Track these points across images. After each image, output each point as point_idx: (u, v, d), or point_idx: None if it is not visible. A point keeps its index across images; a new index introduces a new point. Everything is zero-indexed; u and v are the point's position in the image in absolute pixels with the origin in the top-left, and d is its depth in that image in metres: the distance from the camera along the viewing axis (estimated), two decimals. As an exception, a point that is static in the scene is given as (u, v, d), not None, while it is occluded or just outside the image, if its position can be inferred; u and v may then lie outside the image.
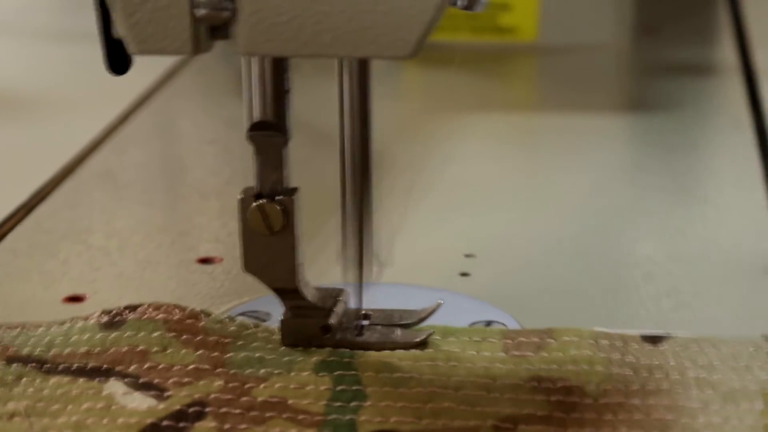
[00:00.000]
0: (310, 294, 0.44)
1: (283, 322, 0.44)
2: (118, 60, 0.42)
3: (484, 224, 0.58)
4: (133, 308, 0.45)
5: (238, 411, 0.40)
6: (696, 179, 0.56)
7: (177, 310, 0.45)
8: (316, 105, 0.49)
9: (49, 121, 0.74)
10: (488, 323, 0.47)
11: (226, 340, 0.44)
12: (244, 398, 0.41)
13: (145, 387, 0.41)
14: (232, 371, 0.42)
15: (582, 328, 0.44)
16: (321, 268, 0.49)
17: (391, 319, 0.45)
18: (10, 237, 0.56)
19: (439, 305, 0.45)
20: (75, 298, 0.50)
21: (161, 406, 0.40)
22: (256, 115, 0.42)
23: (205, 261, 0.53)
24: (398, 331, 0.44)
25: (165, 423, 0.40)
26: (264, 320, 0.47)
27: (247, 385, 0.42)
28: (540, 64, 0.86)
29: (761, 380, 0.41)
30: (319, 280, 0.46)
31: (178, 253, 0.55)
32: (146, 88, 0.77)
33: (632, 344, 0.44)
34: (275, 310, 0.45)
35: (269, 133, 0.42)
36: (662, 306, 0.49)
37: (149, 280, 0.52)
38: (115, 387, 0.41)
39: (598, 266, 0.53)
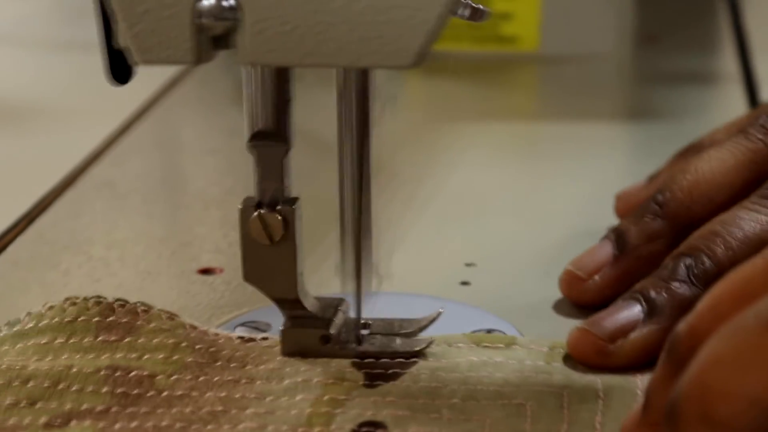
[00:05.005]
0: (310, 304, 0.44)
1: (283, 332, 0.44)
2: (120, 70, 0.42)
3: (485, 233, 0.58)
4: None
5: None
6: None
7: None
8: (318, 115, 0.49)
9: (50, 131, 0.74)
10: (488, 332, 0.47)
11: None
12: None
13: None
14: None
15: (177, 320, 0.45)
16: (321, 277, 0.49)
17: (391, 328, 0.45)
18: (11, 248, 0.56)
19: (439, 314, 0.45)
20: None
21: None
22: (258, 125, 0.42)
23: (205, 272, 0.53)
24: (398, 340, 0.44)
25: None
26: (264, 330, 0.47)
27: None
28: (541, 74, 0.86)
29: (324, 373, 0.42)
30: (319, 289, 0.46)
31: (179, 263, 0.55)
32: (147, 98, 0.77)
33: (235, 341, 0.44)
34: (275, 321, 0.45)
35: (270, 142, 0.42)
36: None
37: (149, 291, 0.52)
38: None
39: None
